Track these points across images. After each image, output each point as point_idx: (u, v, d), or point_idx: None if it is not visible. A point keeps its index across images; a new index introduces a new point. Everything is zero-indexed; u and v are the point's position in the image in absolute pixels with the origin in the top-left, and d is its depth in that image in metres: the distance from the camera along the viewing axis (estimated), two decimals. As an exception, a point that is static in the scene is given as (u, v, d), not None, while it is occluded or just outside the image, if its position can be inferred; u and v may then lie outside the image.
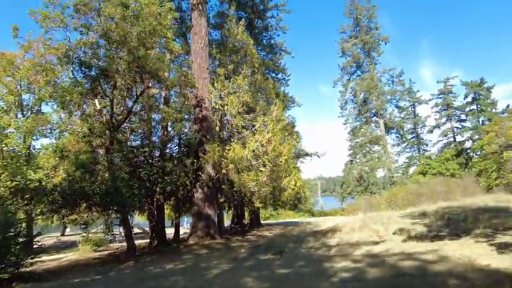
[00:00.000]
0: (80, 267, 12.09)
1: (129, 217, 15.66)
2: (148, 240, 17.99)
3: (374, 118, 42.50)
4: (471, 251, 5.29)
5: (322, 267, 5.87)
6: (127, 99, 14.52)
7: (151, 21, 11.79)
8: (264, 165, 14.43)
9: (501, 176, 23.46)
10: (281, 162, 14.46)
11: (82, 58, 12.22)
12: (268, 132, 14.60)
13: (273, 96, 18.01)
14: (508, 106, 38.01)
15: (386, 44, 42.53)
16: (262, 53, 26.18)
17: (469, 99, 41.98)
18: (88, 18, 12.40)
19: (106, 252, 16.37)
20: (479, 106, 40.94)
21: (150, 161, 16.01)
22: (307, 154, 25.92)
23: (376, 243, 7.67)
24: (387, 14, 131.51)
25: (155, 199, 16.17)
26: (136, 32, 11.90)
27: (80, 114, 13.31)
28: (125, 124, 14.94)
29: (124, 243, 17.94)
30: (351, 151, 42.18)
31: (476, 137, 38.75)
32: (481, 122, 40.51)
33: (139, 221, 31.98)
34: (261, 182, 14.21)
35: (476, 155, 36.89)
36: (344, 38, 44.26)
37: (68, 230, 32.46)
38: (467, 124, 42.36)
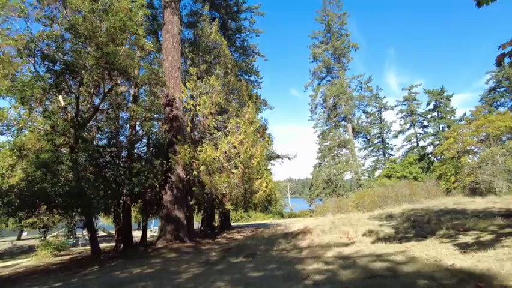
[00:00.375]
0: (38, 274, 11.33)
1: (94, 219, 14.98)
2: (113, 244, 17.33)
3: (343, 122, 43.71)
4: (436, 252, 5.51)
5: (294, 270, 5.87)
6: (93, 96, 13.90)
7: (121, 17, 11.37)
8: (236, 167, 14.34)
9: (458, 179, 24.95)
10: (253, 164, 14.41)
11: (45, 51, 11.53)
12: (240, 134, 14.53)
13: (246, 98, 17.94)
14: (464, 114, 40.75)
15: (355, 50, 44.06)
16: (235, 55, 26.17)
17: (431, 106, 44.45)
18: (52, 9, 11.76)
19: (68, 257, 15.53)
20: (440, 113, 43.38)
21: (117, 161, 15.46)
22: (278, 156, 26.11)
23: (346, 244, 7.81)
24: (356, 22, 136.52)
25: (121, 201, 15.63)
26: (105, 27, 11.41)
27: (42, 111, 12.53)
28: (91, 122, 14.31)
29: (88, 247, 17.17)
30: (320, 154, 43.06)
31: (437, 142, 40.97)
32: (441, 128, 42.95)
33: (104, 223, 30.76)
34: (232, 184, 14.10)
35: (437, 159, 38.98)
36: (316, 43, 45.28)
37: (25, 233, 30.49)
38: (429, 130, 44.82)
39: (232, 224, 32.19)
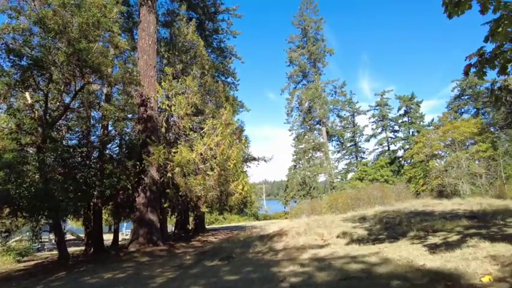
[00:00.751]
0: (-1, 281, 10.69)
1: (62, 222, 14.34)
2: (83, 248, 16.68)
3: (318, 126, 44.50)
4: (408, 253, 5.69)
5: (270, 272, 5.87)
6: (64, 94, 13.31)
7: (95, 13, 10.99)
8: (212, 169, 14.20)
9: (427, 182, 26.08)
10: (229, 166, 14.35)
11: (11, 45, 10.90)
12: (217, 136, 14.42)
13: (223, 100, 17.87)
14: (432, 120, 42.73)
15: (330, 55, 44.89)
16: (212, 56, 25.99)
17: (402, 111, 46.18)
18: (18, 0, 11.16)
19: (33, 263, 14.74)
20: (410, 118, 45.15)
21: (88, 162, 14.91)
22: (254, 159, 26.14)
23: (321, 246, 7.92)
24: (332, 27, 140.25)
25: (92, 203, 15.05)
26: (77, 22, 10.98)
27: (7, 108, 11.86)
28: (61, 121, 13.71)
29: (55, 252, 16.42)
30: (296, 156, 43.59)
31: (407, 146, 42.56)
32: (411, 133, 44.69)
33: (73, 226, 29.53)
34: (208, 186, 13.95)
35: (407, 163, 40.52)
36: (292, 47, 45.81)
37: (-17, 238, 28.66)
38: (400, 134, 46.52)
39: (207, 226, 31.86)
